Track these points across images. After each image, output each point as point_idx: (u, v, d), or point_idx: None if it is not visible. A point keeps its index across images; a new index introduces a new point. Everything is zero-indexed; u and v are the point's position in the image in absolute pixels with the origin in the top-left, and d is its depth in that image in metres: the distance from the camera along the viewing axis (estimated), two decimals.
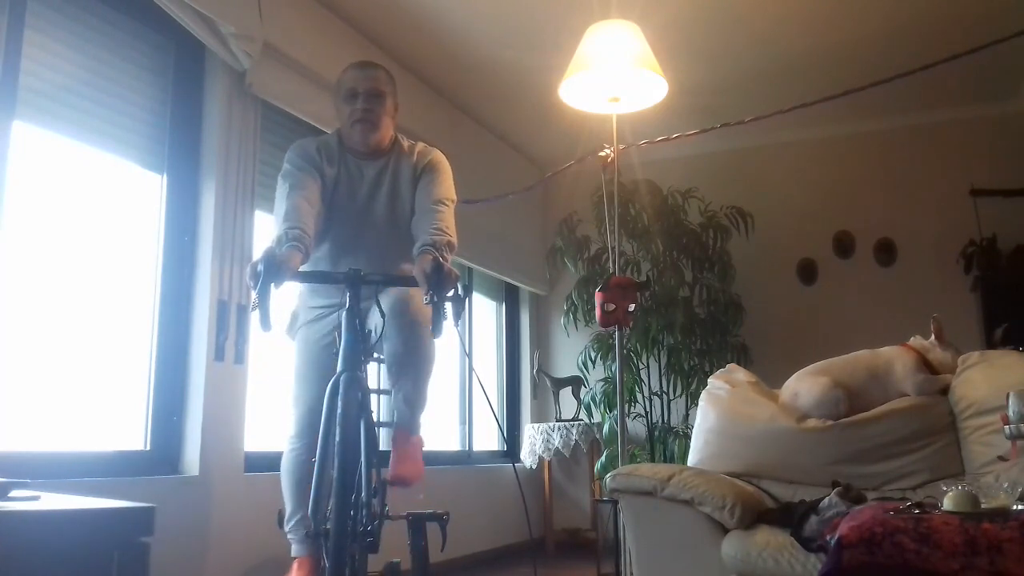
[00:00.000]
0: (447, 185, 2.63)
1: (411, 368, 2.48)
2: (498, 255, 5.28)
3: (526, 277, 5.69)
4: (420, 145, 2.72)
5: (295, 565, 2.58)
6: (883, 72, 3.58)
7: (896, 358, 2.71)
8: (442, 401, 4.96)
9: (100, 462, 2.72)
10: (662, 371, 4.85)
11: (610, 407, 4.83)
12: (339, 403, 2.02)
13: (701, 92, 4.70)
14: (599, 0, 3.70)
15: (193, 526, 2.91)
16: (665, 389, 4.84)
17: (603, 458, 4.67)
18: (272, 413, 3.37)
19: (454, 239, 2.50)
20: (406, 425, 2.55)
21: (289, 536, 2.60)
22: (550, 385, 5.44)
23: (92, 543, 1.22)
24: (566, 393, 5.39)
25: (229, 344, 3.12)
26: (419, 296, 2.48)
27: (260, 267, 2.06)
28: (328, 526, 1.89)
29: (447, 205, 2.58)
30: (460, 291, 2.17)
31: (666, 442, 4.70)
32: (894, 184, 5.19)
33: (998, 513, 1.65)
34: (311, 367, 2.61)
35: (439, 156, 2.70)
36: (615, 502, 2.90)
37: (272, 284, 2.07)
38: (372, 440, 2.17)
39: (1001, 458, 2.34)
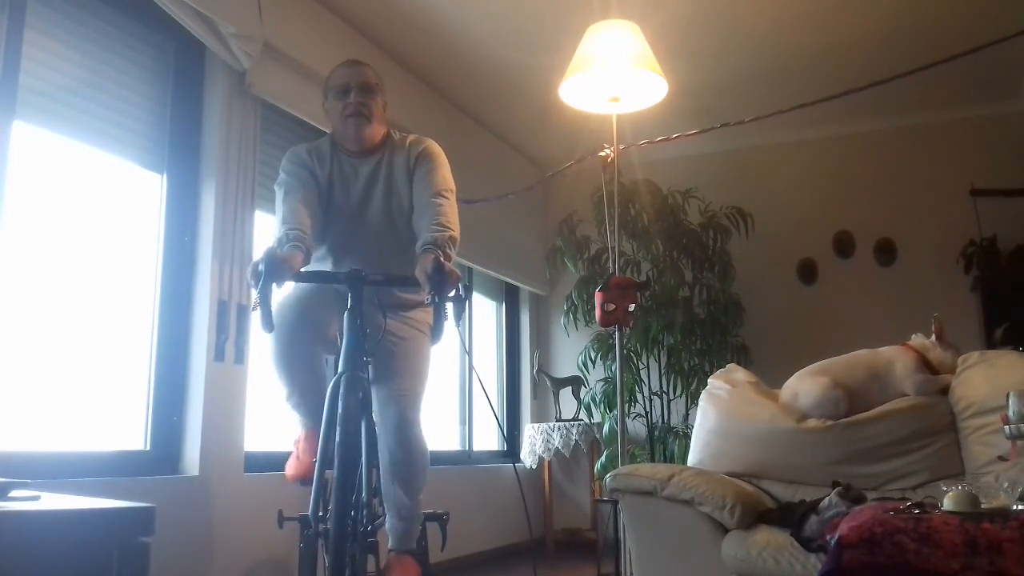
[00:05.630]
0: (443, 174, 2.56)
1: (407, 477, 2.45)
2: (498, 255, 5.28)
3: (526, 277, 5.68)
4: (412, 136, 2.65)
5: (303, 434, 2.48)
6: (883, 72, 3.57)
7: (896, 358, 2.71)
8: (442, 401, 4.95)
9: (100, 462, 2.72)
10: (662, 371, 4.85)
11: (610, 407, 4.83)
12: (339, 403, 2.02)
13: (701, 92, 4.69)
14: (599, 0, 3.70)
15: (193, 526, 2.90)
16: (665, 389, 4.84)
17: (603, 458, 4.67)
18: (272, 413, 3.37)
19: (456, 232, 2.44)
20: (400, 544, 2.47)
21: (294, 412, 2.51)
22: (550, 385, 5.44)
23: (92, 543, 1.22)
24: (566, 393, 5.39)
25: (229, 344, 3.12)
26: (414, 392, 2.49)
27: (261, 267, 2.06)
28: (328, 526, 1.89)
29: (447, 197, 2.50)
30: (461, 291, 2.16)
31: (666, 442, 4.70)
32: (894, 184, 5.18)
33: (998, 513, 1.65)
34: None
35: (432, 145, 2.62)
36: (615, 502, 2.90)
37: (273, 284, 2.08)
38: (372, 440, 2.17)
39: (1001, 458, 2.34)
